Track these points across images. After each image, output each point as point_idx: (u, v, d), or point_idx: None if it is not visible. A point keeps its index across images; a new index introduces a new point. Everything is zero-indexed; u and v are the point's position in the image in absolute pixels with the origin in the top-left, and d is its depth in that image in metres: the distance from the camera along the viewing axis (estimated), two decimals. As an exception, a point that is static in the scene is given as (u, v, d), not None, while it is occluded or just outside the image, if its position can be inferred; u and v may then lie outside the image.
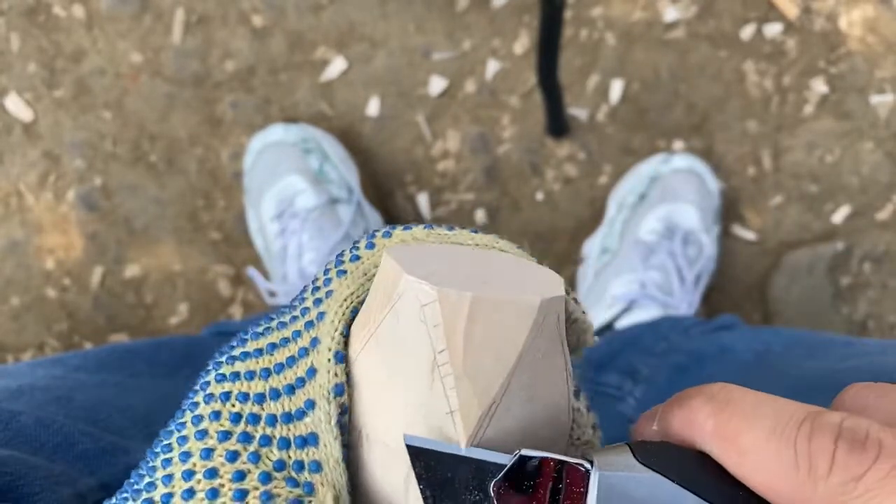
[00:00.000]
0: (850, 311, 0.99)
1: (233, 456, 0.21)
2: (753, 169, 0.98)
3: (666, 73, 0.99)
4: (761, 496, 0.22)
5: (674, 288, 0.89)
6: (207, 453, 0.21)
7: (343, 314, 0.22)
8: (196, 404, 0.22)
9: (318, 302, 0.23)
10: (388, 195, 1.00)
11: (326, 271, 0.24)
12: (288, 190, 0.91)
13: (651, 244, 0.90)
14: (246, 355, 0.23)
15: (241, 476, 0.21)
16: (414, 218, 1.00)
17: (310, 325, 0.23)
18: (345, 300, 0.23)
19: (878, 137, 0.98)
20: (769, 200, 0.98)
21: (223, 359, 0.23)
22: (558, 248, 0.99)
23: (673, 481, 0.22)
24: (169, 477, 0.21)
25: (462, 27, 0.99)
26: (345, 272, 0.23)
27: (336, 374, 0.22)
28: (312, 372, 0.22)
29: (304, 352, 0.22)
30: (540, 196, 0.99)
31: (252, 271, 0.94)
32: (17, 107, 1.00)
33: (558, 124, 0.96)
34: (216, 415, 0.22)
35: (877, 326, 1.00)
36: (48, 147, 1.00)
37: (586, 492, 0.21)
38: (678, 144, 0.98)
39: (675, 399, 0.23)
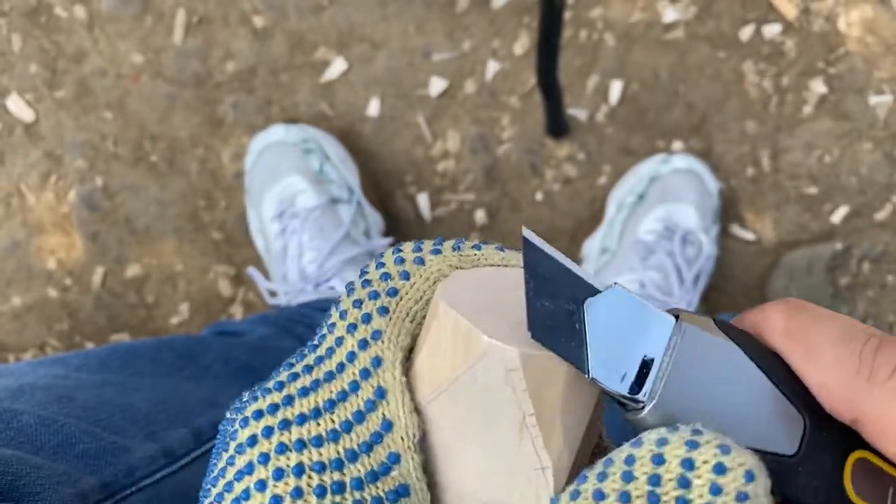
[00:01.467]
0: (850, 311, 1.00)
1: None
2: (752, 169, 0.98)
3: (665, 74, 0.99)
4: (815, 395, 0.23)
5: (673, 288, 0.89)
6: None
7: (399, 358, 0.21)
8: (264, 482, 0.19)
9: (363, 345, 0.21)
10: (388, 195, 1.00)
11: (356, 299, 0.22)
12: (288, 190, 0.91)
13: (650, 244, 0.90)
14: (303, 417, 0.20)
15: None
16: (414, 218, 1.00)
17: (366, 374, 0.21)
18: (400, 350, 0.21)
19: (877, 138, 0.98)
20: (768, 200, 0.99)
21: (276, 424, 0.20)
22: (558, 248, 1.00)
23: (746, 355, 0.23)
24: None
25: (462, 28, 0.99)
26: (386, 310, 0.21)
27: (414, 424, 0.21)
28: (388, 425, 0.20)
29: (372, 404, 0.21)
30: (539, 196, 1.00)
31: (253, 271, 0.94)
32: (18, 107, 1.00)
33: (558, 125, 0.96)
34: (298, 492, 0.19)
35: (876, 326, 1.00)
36: (49, 147, 1.00)
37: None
38: (677, 145, 0.99)
39: (752, 308, 0.24)
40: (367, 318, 0.21)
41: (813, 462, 0.23)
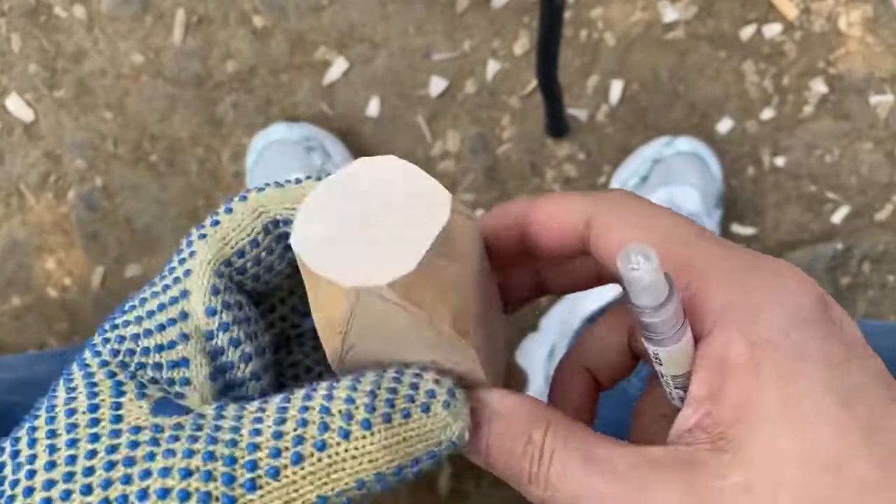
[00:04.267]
0: (850, 311, 0.99)
1: (111, 374, 0.25)
2: (753, 169, 0.98)
3: (665, 74, 0.99)
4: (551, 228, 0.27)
5: None
6: (89, 374, 0.25)
7: (207, 273, 0.26)
8: (83, 358, 0.26)
9: (182, 261, 0.26)
10: (388, 195, 1.00)
11: (189, 236, 0.27)
12: None
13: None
14: (123, 312, 0.26)
15: (119, 384, 0.25)
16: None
17: (177, 280, 0.26)
18: (208, 263, 0.26)
19: (878, 138, 0.98)
20: (768, 200, 0.98)
21: (106, 324, 0.26)
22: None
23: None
24: (54, 396, 0.25)
25: (462, 28, 0.99)
26: (205, 236, 0.26)
27: (208, 324, 0.25)
28: (184, 315, 0.26)
29: (175, 300, 0.26)
30: (540, 196, 1.00)
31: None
32: (18, 107, 1.00)
33: (558, 125, 0.96)
34: (97, 353, 0.25)
35: (876, 327, 1.00)
36: (49, 147, 1.00)
37: None
38: (678, 145, 0.99)
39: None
40: (190, 244, 0.26)
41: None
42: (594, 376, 0.30)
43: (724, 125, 0.98)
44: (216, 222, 0.27)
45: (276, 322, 0.30)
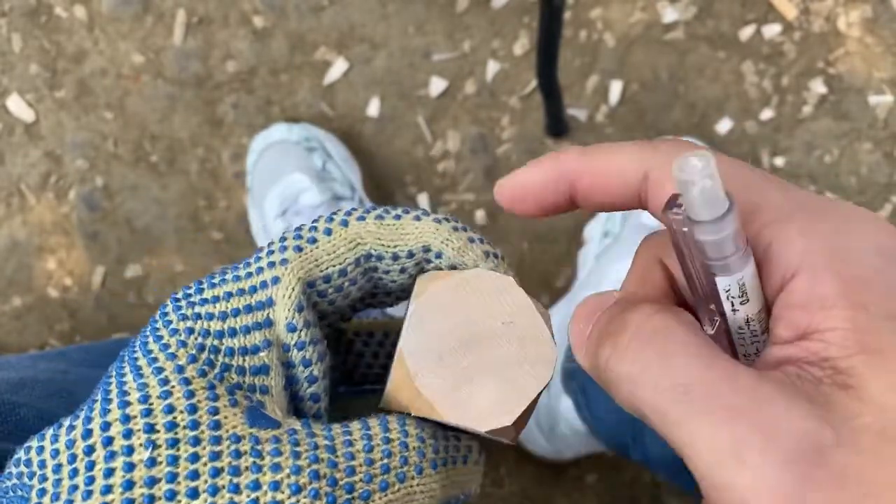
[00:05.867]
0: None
1: (202, 372, 0.25)
2: (752, 169, 0.98)
3: (665, 74, 0.99)
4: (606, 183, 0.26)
5: None
6: (180, 369, 0.24)
7: (297, 289, 0.26)
8: (160, 336, 0.25)
9: (271, 265, 0.26)
10: (388, 196, 1.00)
11: (283, 240, 0.27)
12: (292, 187, 0.91)
13: (653, 228, 0.90)
14: (205, 301, 0.26)
15: (212, 387, 0.25)
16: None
17: (264, 284, 0.26)
18: (298, 279, 0.26)
19: (877, 138, 0.98)
20: (768, 200, 0.99)
21: (183, 301, 0.26)
22: (558, 248, 1.00)
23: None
24: (144, 384, 0.24)
25: (462, 28, 1.00)
26: (301, 249, 0.26)
27: (288, 338, 0.26)
28: (269, 322, 0.26)
29: (261, 305, 0.26)
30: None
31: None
32: (18, 107, 1.00)
33: (558, 125, 0.97)
34: (183, 343, 0.25)
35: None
36: (50, 147, 1.00)
37: None
38: (677, 145, 0.99)
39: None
40: (283, 250, 0.26)
41: None
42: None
43: (724, 125, 0.99)
44: (314, 240, 0.27)
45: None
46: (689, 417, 0.21)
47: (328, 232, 0.27)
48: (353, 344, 0.32)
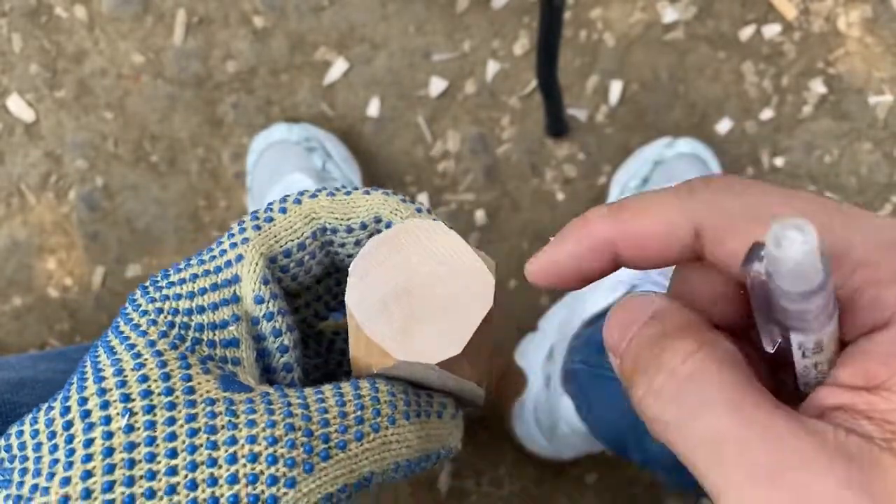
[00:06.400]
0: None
1: (174, 345, 0.26)
2: (752, 169, 0.98)
3: (665, 74, 0.99)
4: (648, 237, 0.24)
5: None
6: (152, 343, 0.26)
7: (260, 263, 0.27)
8: (131, 318, 0.27)
9: (233, 246, 0.28)
10: (388, 195, 1.00)
11: (241, 223, 0.28)
12: (292, 187, 0.91)
13: None
14: (171, 284, 0.27)
15: (184, 358, 0.26)
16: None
17: (228, 263, 0.27)
18: (261, 254, 0.28)
19: (877, 138, 0.98)
20: (768, 200, 0.99)
21: (150, 287, 0.27)
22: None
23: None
24: (118, 360, 0.25)
25: (462, 28, 1.00)
26: (259, 228, 0.28)
27: (255, 310, 0.27)
28: (236, 298, 0.27)
29: (227, 282, 0.27)
30: (539, 196, 1.00)
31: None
32: (18, 107, 1.00)
33: (558, 125, 0.97)
34: (153, 322, 0.26)
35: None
36: (50, 147, 1.00)
37: None
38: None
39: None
40: (243, 230, 0.28)
41: None
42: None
43: (724, 125, 0.99)
44: (270, 219, 0.28)
45: (297, 322, 0.31)
46: (719, 475, 0.20)
47: (283, 210, 0.28)
48: (334, 343, 0.33)
